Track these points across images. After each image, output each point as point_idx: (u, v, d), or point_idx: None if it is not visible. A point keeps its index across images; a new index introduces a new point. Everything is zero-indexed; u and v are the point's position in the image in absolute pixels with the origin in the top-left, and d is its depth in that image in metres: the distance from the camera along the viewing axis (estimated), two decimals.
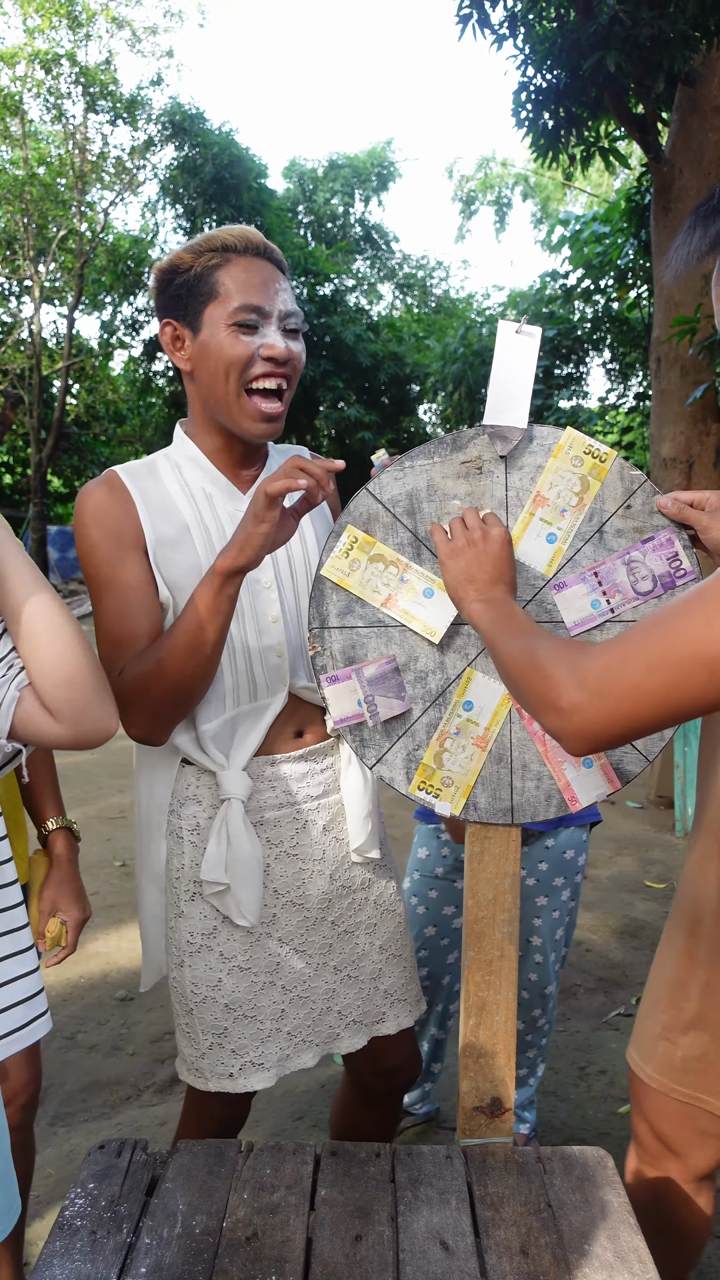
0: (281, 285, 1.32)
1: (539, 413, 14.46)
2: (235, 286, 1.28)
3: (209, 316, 1.28)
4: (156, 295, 1.36)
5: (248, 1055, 1.38)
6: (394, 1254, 1.07)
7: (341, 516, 1.32)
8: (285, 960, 1.40)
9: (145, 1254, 1.07)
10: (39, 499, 18.93)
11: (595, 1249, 1.08)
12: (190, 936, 1.38)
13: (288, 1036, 1.41)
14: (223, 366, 1.28)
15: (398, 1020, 1.49)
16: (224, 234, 1.30)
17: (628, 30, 5.14)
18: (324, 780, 1.44)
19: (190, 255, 1.31)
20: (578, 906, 2.10)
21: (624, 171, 12.92)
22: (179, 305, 1.31)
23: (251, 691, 1.36)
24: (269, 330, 1.29)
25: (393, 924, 1.50)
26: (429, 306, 24.97)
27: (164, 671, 1.22)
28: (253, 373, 1.28)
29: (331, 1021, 1.45)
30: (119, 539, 1.29)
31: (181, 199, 18.39)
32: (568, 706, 0.87)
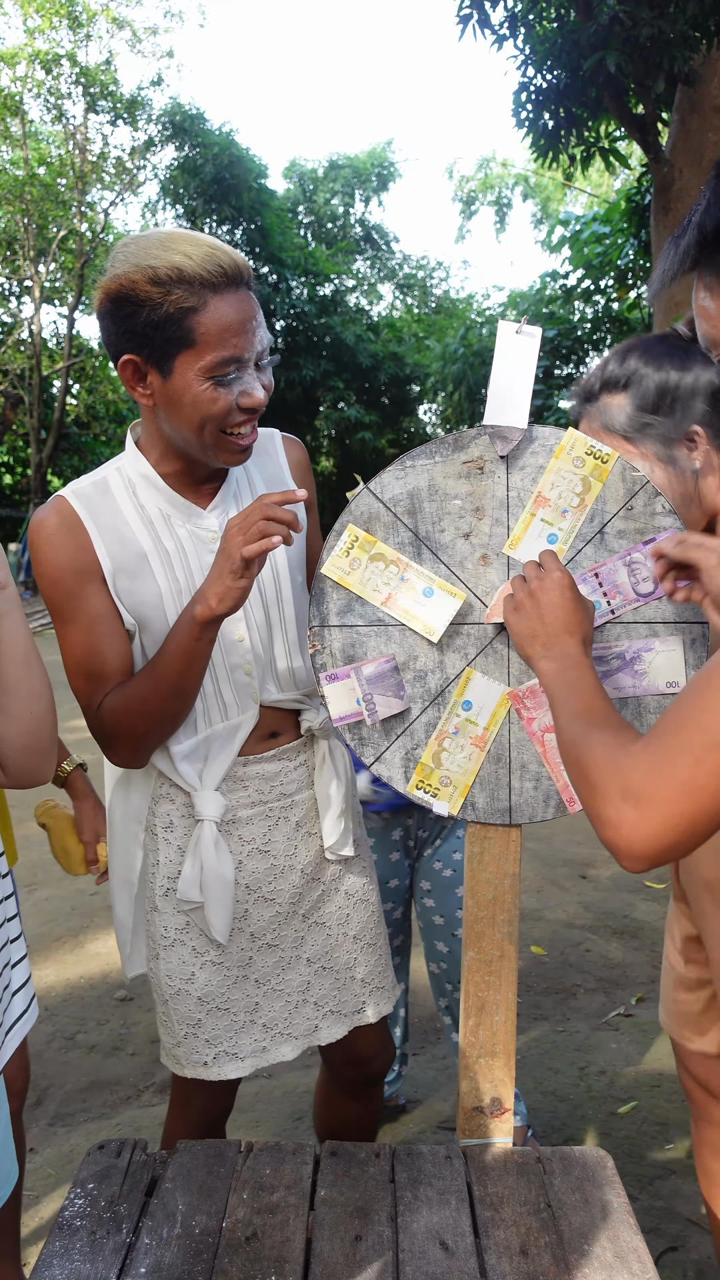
0: (257, 319, 1.20)
1: (539, 413, 14.46)
2: (214, 335, 1.15)
3: (182, 363, 1.16)
4: (109, 317, 1.19)
5: (221, 1045, 1.40)
6: (394, 1254, 1.07)
7: (343, 515, 1.32)
8: (257, 955, 1.41)
9: (145, 1254, 1.07)
10: (39, 499, 18.94)
11: (595, 1249, 1.08)
12: (164, 931, 1.39)
13: (263, 1029, 1.42)
14: (198, 419, 1.19)
15: (377, 1008, 1.50)
16: (196, 265, 1.14)
17: (628, 30, 5.15)
18: (297, 777, 1.44)
19: (156, 290, 1.14)
20: None
21: (624, 172, 12.92)
22: (143, 343, 1.17)
23: (222, 712, 1.36)
24: (246, 376, 1.20)
25: (365, 913, 1.50)
26: (429, 307, 24.98)
27: (147, 711, 1.23)
28: (230, 422, 1.21)
29: (309, 1013, 1.45)
30: (76, 572, 1.25)
31: (182, 199, 18.40)
32: (615, 820, 0.79)
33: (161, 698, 1.22)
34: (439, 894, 2.10)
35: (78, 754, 1.83)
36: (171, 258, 1.14)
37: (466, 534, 1.30)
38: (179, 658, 1.19)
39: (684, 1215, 1.97)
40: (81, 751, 2.03)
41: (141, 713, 1.24)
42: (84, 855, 1.59)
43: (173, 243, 1.15)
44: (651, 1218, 1.96)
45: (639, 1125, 2.28)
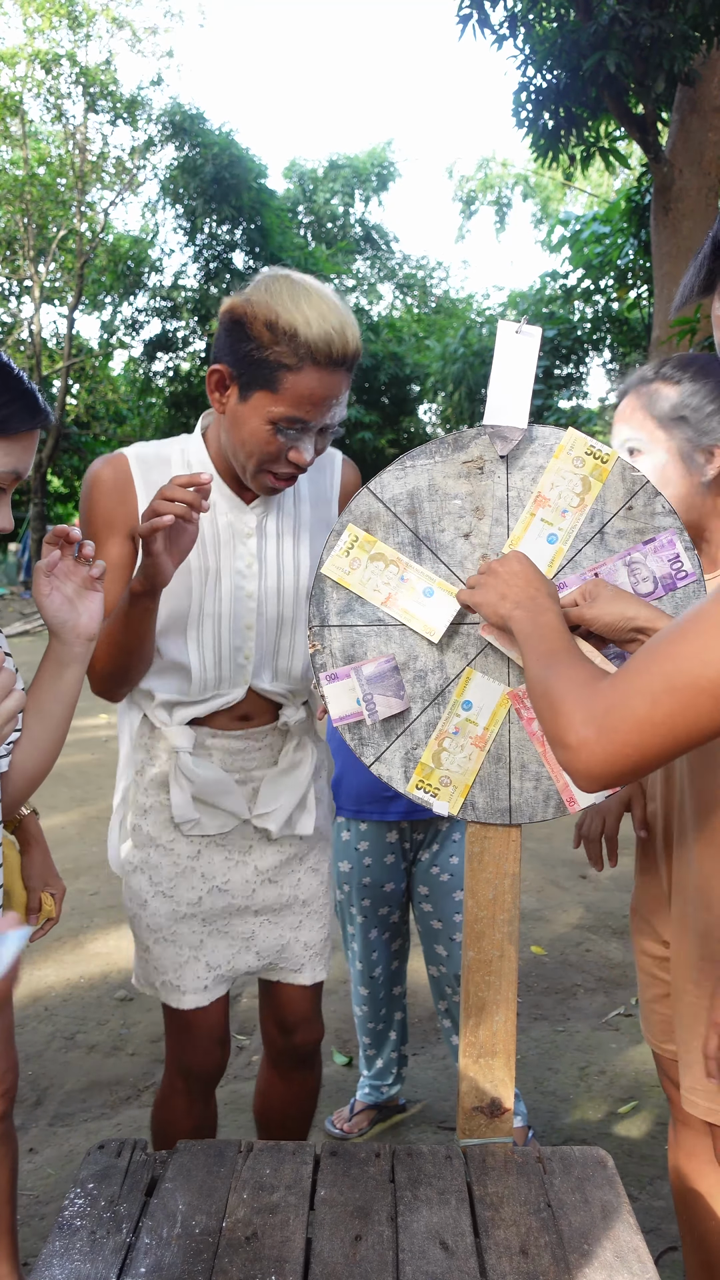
0: (339, 399, 1.30)
1: (539, 413, 14.46)
2: (294, 397, 1.26)
3: (258, 399, 1.28)
4: (225, 330, 1.31)
5: (166, 974, 1.51)
6: (394, 1254, 1.07)
7: (342, 515, 1.33)
8: (207, 896, 1.50)
9: (145, 1254, 1.07)
10: (39, 499, 18.93)
11: (595, 1249, 1.08)
12: (130, 858, 1.53)
13: (206, 967, 1.51)
14: (250, 450, 1.32)
15: (313, 973, 1.59)
16: (312, 335, 1.23)
17: (628, 30, 5.15)
18: (260, 758, 1.52)
19: (268, 334, 1.24)
20: None
21: (624, 171, 12.92)
22: (239, 365, 1.29)
23: (217, 684, 1.46)
24: (305, 437, 1.31)
25: (315, 881, 1.59)
26: (429, 307, 24.97)
27: (99, 654, 1.34)
28: (274, 468, 1.33)
29: (250, 961, 1.55)
30: (109, 520, 1.40)
31: (181, 199, 18.39)
32: (575, 743, 0.87)
33: (106, 648, 1.33)
34: (436, 899, 2.11)
35: (80, 752, 1.83)
36: (295, 316, 1.23)
37: (466, 534, 1.30)
38: (119, 619, 1.30)
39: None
40: (81, 752, 2.02)
41: (97, 655, 1.33)
42: (25, 901, 1.60)
43: (308, 301, 1.24)
44: (652, 1218, 1.96)
45: (639, 1125, 2.28)
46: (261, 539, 1.45)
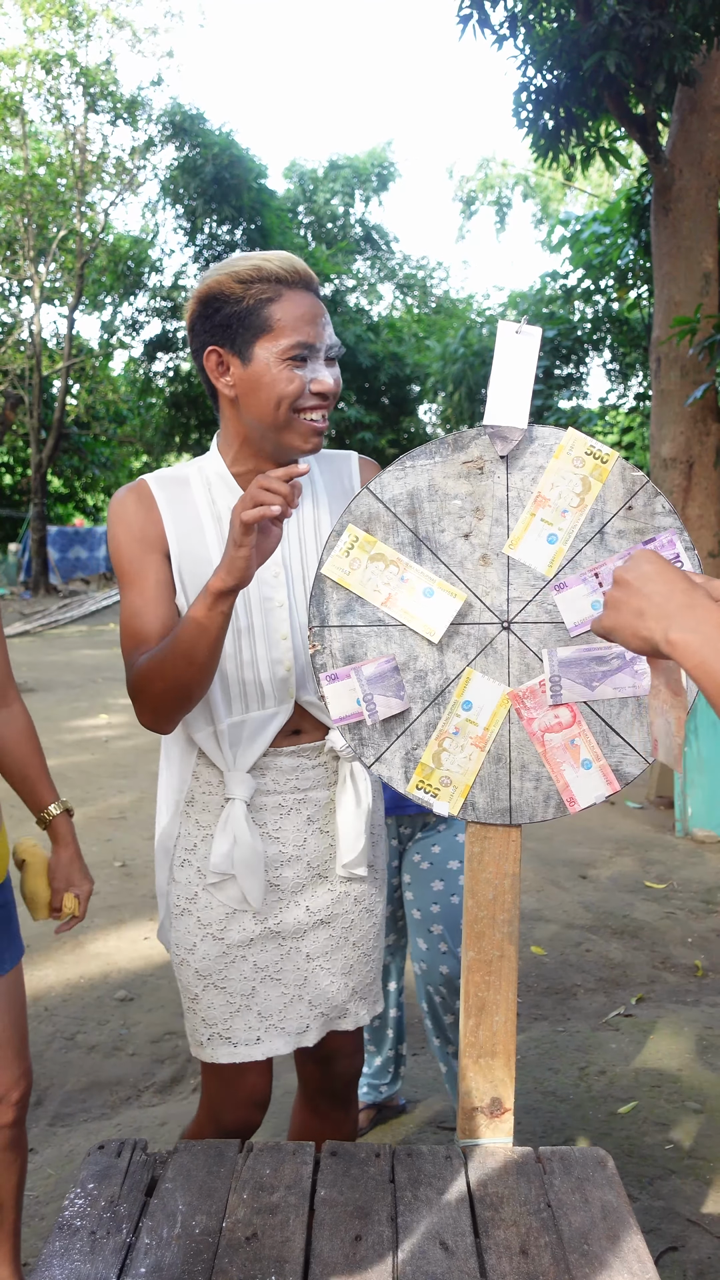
0: (325, 318, 1.35)
1: (539, 413, 14.46)
2: (288, 322, 1.31)
3: (261, 349, 1.31)
4: (198, 320, 1.36)
5: (216, 1027, 1.43)
6: (393, 1254, 1.07)
7: (342, 515, 1.33)
8: (259, 938, 1.44)
9: (145, 1254, 1.07)
10: (39, 499, 18.93)
11: (595, 1249, 1.08)
12: (177, 900, 1.46)
13: (258, 1016, 1.44)
14: (275, 399, 1.32)
15: (357, 1017, 1.52)
16: (274, 265, 1.32)
17: (628, 30, 5.14)
18: (314, 776, 1.46)
19: (239, 285, 1.31)
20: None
21: (624, 172, 12.92)
22: (226, 334, 1.32)
23: (260, 700, 1.42)
24: (317, 365, 1.33)
25: (369, 923, 1.53)
26: (429, 307, 24.97)
27: (163, 674, 1.29)
28: (303, 404, 1.33)
29: (302, 1011, 1.46)
30: (143, 540, 1.38)
31: (182, 199, 18.40)
32: None
33: (174, 662, 1.27)
34: (416, 887, 2.08)
35: (80, 752, 1.83)
36: (252, 261, 1.32)
37: (466, 534, 1.30)
38: (192, 625, 1.24)
39: (684, 1215, 1.97)
40: (81, 752, 2.02)
41: (159, 674, 1.29)
42: (48, 900, 1.59)
43: (252, 255, 1.34)
44: (652, 1218, 1.96)
45: (639, 1125, 2.28)
46: (285, 546, 1.43)
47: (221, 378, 1.35)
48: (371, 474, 1.54)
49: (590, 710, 1.29)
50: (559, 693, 1.28)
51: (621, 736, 1.29)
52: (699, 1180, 2.08)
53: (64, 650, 11.62)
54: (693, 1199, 2.02)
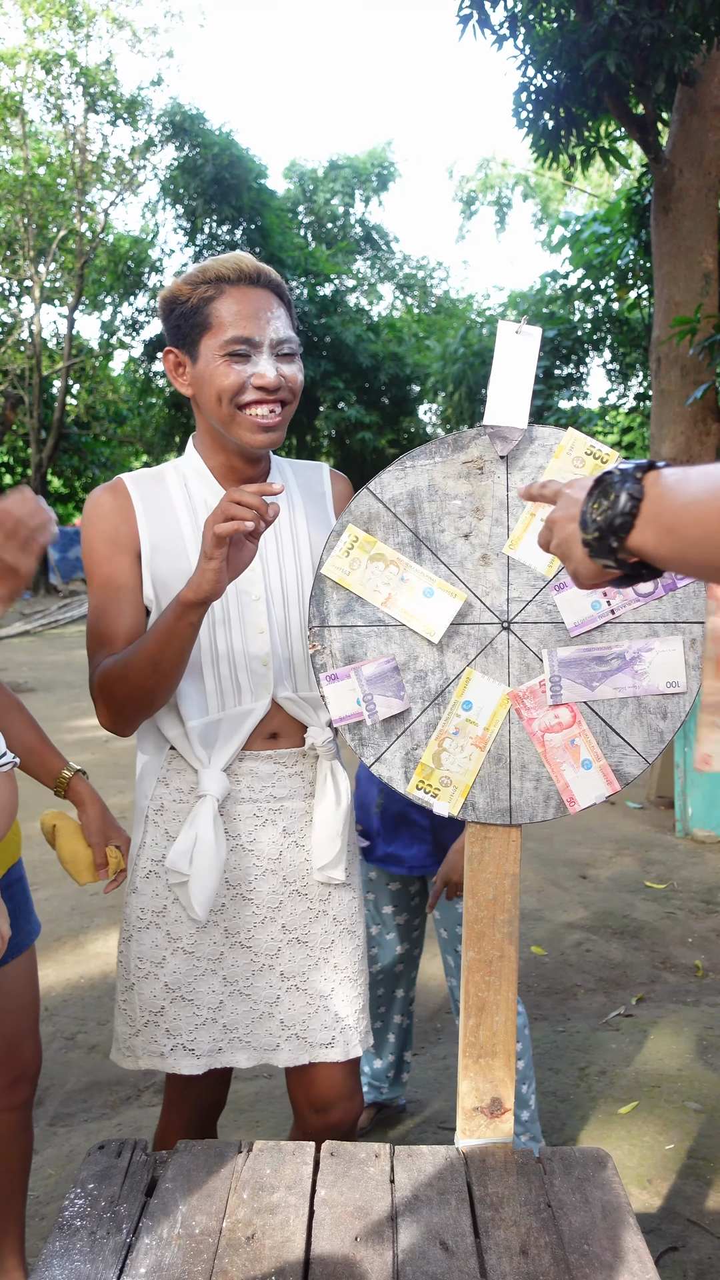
0: (275, 312, 1.35)
1: (539, 413, 14.46)
2: (228, 318, 1.32)
3: (204, 347, 1.34)
4: (164, 324, 1.41)
5: (180, 1038, 1.41)
6: (393, 1254, 1.07)
7: (342, 515, 1.33)
8: (229, 952, 1.42)
9: (145, 1254, 1.07)
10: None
11: (595, 1249, 1.08)
12: (140, 912, 1.43)
13: (223, 1029, 1.42)
14: (215, 393, 1.33)
15: (346, 1048, 1.45)
16: (217, 264, 1.35)
17: (628, 30, 5.15)
18: (291, 785, 1.45)
19: (188, 287, 1.35)
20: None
21: (624, 172, 12.92)
22: (179, 335, 1.37)
23: (236, 696, 1.40)
24: (260, 359, 1.33)
25: (351, 945, 1.48)
26: (429, 307, 24.97)
27: (126, 679, 1.30)
28: (244, 399, 1.33)
29: (273, 1028, 1.43)
30: (114, 541, 1.38)
31: (182, 199, 18.40)
32: None
33: (139, 668, 1.28)
34: (442, 906, 2.09)
35: (81, 752, 1.83)
36: (202, 265, 1.36)
37: (466, 534, 1.30)
38: (161, 632, 1.25)
39: (685, 1215, 1.97)
40: (81, 752, 2.02)
41: (122, 679, 1.30)
42: (92, 860, 1.56)
43: (214, 259, 1.37)
44: (652, 1218, 1.96)
45: (639, 1125, 2.28)
46: (260, 540, 1.41)
47: (179, 377, 1.39)
48: (339, 481, 1.56)
49: (590, 710, 1.29)
50: (559, 693, 1.28)
51: (621, 736, 1.29)
52: (699, 1180, 2.08)
53: (64, 650, 11.62)
54: (693, 1199, 2.02)
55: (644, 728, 1.29)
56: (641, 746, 1.29)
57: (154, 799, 1.44)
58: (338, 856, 1.44)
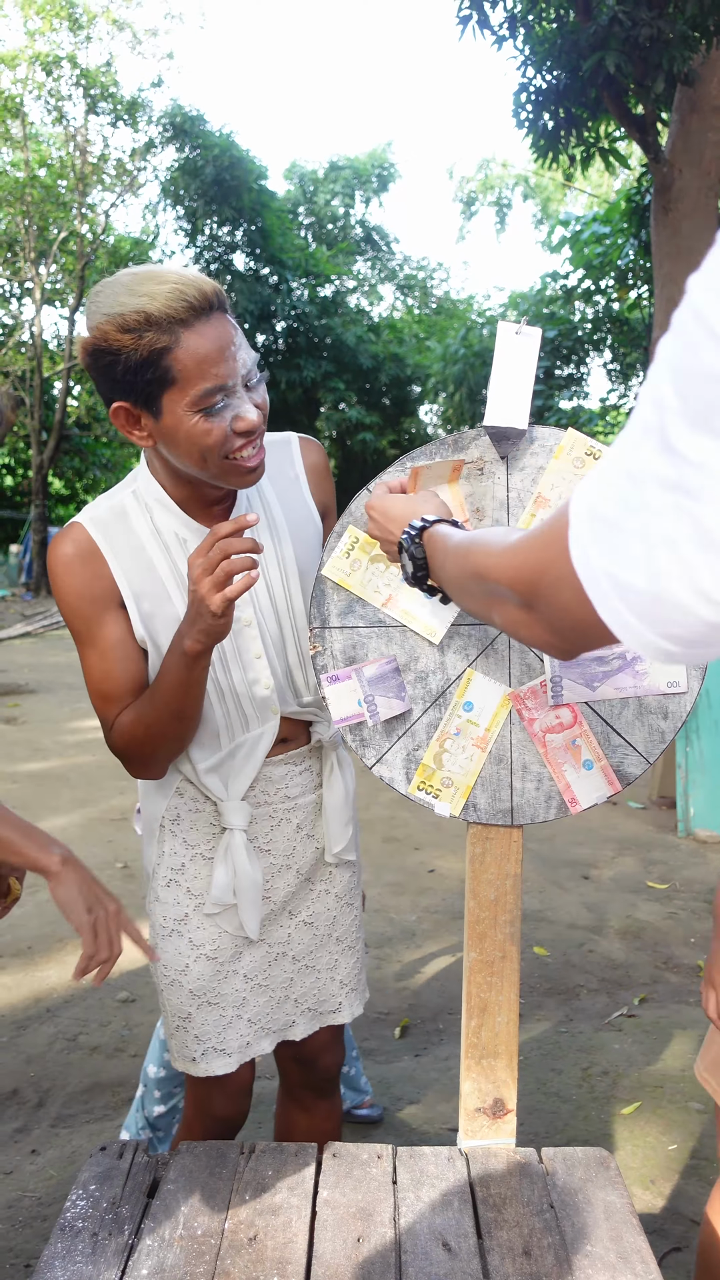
0: (235, 340, 1.17)
1: (540, 413, 14.46)
2: (193, 367, 1.13)
3: (169, 401, 1.15)
4: (94, 373, 1.19)
5: (209, 1041, 1.42)
6: (396, 1255, 1.07)
7: (343, 517, 1.33)
8: (246, 950, 1.44)
9: (147, 1255, 1.07)
10: (40, 501, 18.94)
11: (598, 1250, 1.08)
12: (163, 921, 1.43)
13: (248, 1024, 1.45)
14: (198, 451, 1.18)
15: (351, 1009, 1.53)
16: (157, 304, 1.11)
17: (627, 31, 5.15)
18: (302, 781, 1.45)
19: (128, 337, 1.13)
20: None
21: (624, 172, 12.92)
22: (129, 390, 1.16)
23: (244, 725, 1.38)
24: (235, 400, 1.18)
25: (349, 917, 1.53)
26: (429, 308, 24.97)
27: (150, 733, 1.27)
28: (230, 448, 1.19)
29: (288, 1010, 1.48)
30: (93, 600, 1.28)
31: (182, 200, 18.41)
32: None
33: (165, 721, 1.25)
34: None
35: (81, 753, 1.81)
36: (135, 302, 1.12)
37: None
38: (177, 687, 1.21)
39: (688, 1216, 1.96)
40: (81, 753, 2.01)
41: (148, 734, 1.27)
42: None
43: (137, 285, 1.13)
44: (655, 1218, 1.96)
45: (642, 1126, 2.28)
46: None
47: (134, 431, 1.21)
48: (311, 450, 1.45)
49: (591, 711, 1.29)
50: (560, 693, 1.28)
51: (623, 737, 1.29)
52: (702, 1181, 2.08)
53: (65, 651, 11.62)
54: (696, 1200, 2.01)
55: (645, 728, 1.29)
56: (643, 747, 1.29)
57: (169, 809, 1.42)
58: (350, 841, 1.48)
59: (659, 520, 0.49)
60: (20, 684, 8.82)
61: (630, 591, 0.52)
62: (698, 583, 0.48)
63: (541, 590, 0.66)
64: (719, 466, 0.46)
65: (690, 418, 0.47)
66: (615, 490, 0.52)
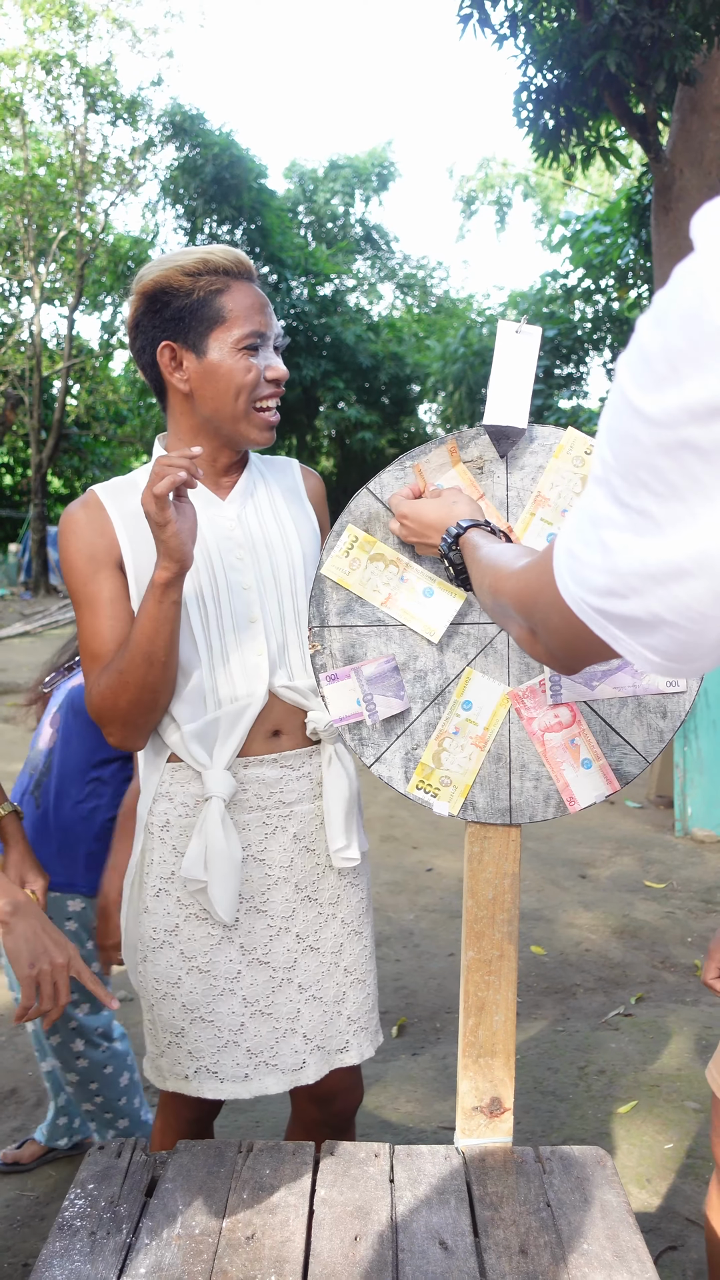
0: (270, 307, 1.37)
1: (539, 413, 14.46)
2: (240, 312, 1.32)
3: (215, 339, 1.31)
4: (144, 316, 1.34)
5: (203, 1060, 1.37)
6: (393, 1254, 1.07)
7: (342, 515, 1.33)
8: (246, 970, 1.38)
9: (145, 1254, 1.07)
10: (39, 500, 18.94)
11: (594, 1248, 1.08)
12: (154, 932, 1.39)
13: (247, 1053, 1.38)
14: (234, 389, 1.32)
15: (360, 1050, 1.45)
16: (219, 258, 1.32)
17: (628, 30, 5.15)
18: (299, 789, 1.42)
19: (187, 278, 1.31)
20: None
21: (624, 171, 12.92)
22: (179, 328, 1.32)
23: (232, 689, 1.37)
24: (268, 353, 1.35)
25: (358, 946, 1.48)
26: (429, 307, 24.97)
27: (125, 683, 1.27)
28: (260, 393, 1.34)
29: (297, 1045, 1.40)
30: (93, 558, 1.34)
31: (182, 199, 18.40)
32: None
33: (135, 667, 1.25)
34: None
35: None
36: (197, 253, 1.33)
37: None
38: (146, 623, 1.23)
39: (684, 1215, 1.97)
40: None
41: (121, 684, 1.27)
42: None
43: (193, 249, 1.34)
44: (651, 1217, 1.96)
45: (639, 1125, 2.28)
46: (245, 530, 1.40)
47: (175, 373, 1.34)
48: (312, 479, 1.55)
49: (590, 710, 1.29)
50: (559, 692, 1.28)
51: (621, 736, 1.29)
52: (698, 1180, 2.08)
53: None
54: (692, 1198, 2.02)
55: (644, 727, 1.29)
56: (641, 746, 1.29)
57: (157, 814, 1.39)
58: (350, 839, 1.42)
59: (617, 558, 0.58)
60: (19, 683, 8.81)
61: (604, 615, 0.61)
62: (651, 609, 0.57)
63: (536, 614, 0.75)
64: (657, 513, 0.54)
65: (623, 474, 0.55)
66: (582, 533, 0.61)
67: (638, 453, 0.53)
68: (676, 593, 0.55)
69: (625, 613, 0.59)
